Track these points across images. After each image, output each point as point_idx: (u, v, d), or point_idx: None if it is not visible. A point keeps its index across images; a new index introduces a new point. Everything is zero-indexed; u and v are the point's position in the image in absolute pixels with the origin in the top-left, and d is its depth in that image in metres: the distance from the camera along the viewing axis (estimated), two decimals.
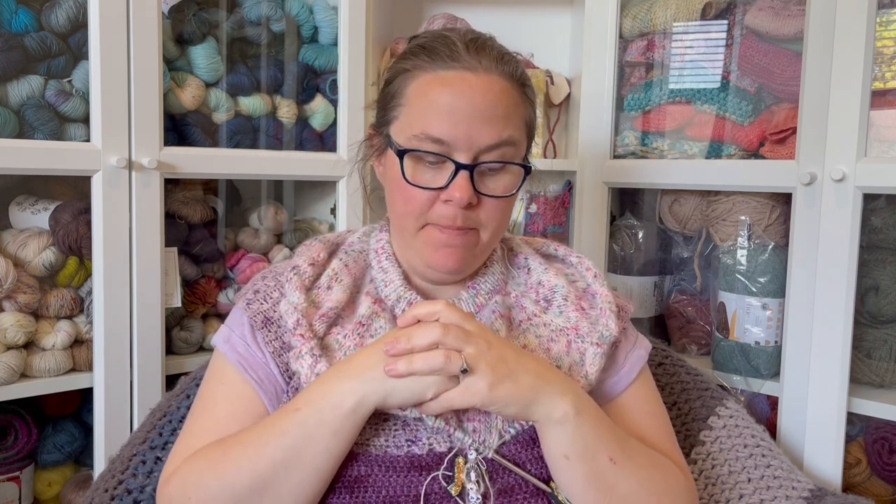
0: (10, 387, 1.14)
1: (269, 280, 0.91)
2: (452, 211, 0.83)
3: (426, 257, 0.86)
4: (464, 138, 0.81)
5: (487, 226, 0.85)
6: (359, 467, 0.80)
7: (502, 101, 0.83)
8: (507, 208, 0.87)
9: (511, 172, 0.85)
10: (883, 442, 1.29)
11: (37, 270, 1.18)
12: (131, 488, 0.96)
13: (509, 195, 0.85)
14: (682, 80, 1.48)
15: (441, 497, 0.79)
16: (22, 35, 1.15)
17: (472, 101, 0.81)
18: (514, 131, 0.84)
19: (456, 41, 0.84)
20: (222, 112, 1.35)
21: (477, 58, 0.83)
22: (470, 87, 0.81)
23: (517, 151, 0.86)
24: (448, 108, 0.81)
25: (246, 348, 0.86)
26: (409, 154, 0.83)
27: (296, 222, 1.55)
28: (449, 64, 0.83)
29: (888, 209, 1.30)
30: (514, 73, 0.85)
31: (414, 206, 0.84)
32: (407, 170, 0.83)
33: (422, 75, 0.84)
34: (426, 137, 0.82)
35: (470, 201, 0.82)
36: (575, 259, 0.99)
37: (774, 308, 1.35)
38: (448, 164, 0.82)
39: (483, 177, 0.84)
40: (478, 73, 0.82)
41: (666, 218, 1.55)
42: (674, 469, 0.88)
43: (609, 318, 0.90)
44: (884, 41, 1.19)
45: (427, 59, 0.84)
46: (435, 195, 0.83)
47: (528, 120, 0.88)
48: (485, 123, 0.81)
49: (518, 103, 0.85)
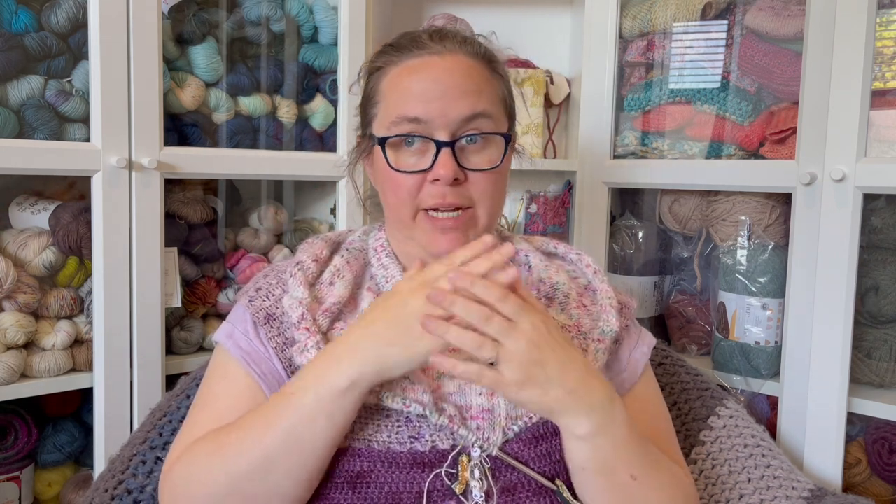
0: (10, 387, 1.14)
1: (272, 278, 0.92)
2: (441, 190, 0.84)
3: (427, 245, 0.87)
4: (439, 115, 0.83)
5: (481, 202, 0.86)
6: (361, 463, 0.80)
7: (471, 77, 0.85)
8: (497, 182, 0.88)
9: (494, 145, 0.87)
10: (883, 442, 1.30)
11: (37, 270, 1.18)
12: (131, 488, 0.96)
13: (495, 167, 0.86)
14: (682, 80, 1.48)
15: (444, 494, 0.79)
16: (22, 35, 1.14)
17: (441, 81, 0.84)
18: (488, 105, 0.86)
19: (420, 34, 0.88)
20: (222, 112, 1.35)
21: (441, 44, 0.87)
22: (437, 68, 0.85)
23: (495, 124, 0.87)
24: (420, 90, 0.84)
25: (249, 343, 0.87)
26: (389, 141, 0.86)
27: (296, 222, 1.55)
28: (415, 53, 0.87)
29: (888, 209, 1.30)
30: (479, 52, 0.88)
31: (403, 193, 0.86)
32: (390, 157, 0.86)
33: (392, 69, 0.88)
34: (403, 120, 0.84)
35: (456, 176, 0.83)
36: (575, 256, 0.99)
37: (774, 308, 1.35)
38: (430, 145, 0.84)
39: (466, 152, 0.85)
40: (443, 56, 0.86)
41: (666, 218, 1.55)
42: (692, 489, 0.88)
43: (610, 313, 0.90)
44: (884, 41, 1.20)
45: (395, 54, 0.88)
46: (422, 178, 0.85)
47: (502, 95, 0.90)
48: (457, 99, 0.84)
49: (488, 79, 0.88)
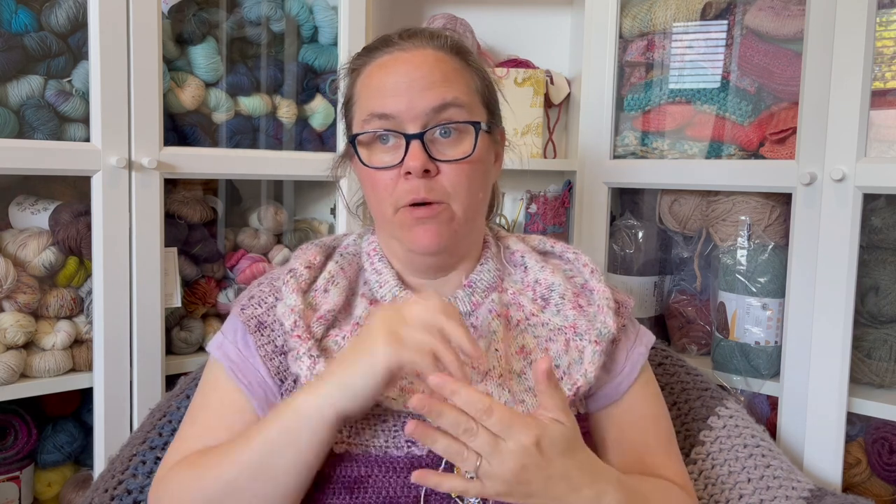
0: (10, 387, 1.14)
1: (265, 286, 0.91)
2: (415, 184, 0.83)
3: (404, 240, 0.86)
4: (407, 108, 0.83)
5: (456, 196, 0.84)
6: (359, 468, 0.80)
7: (438, 68, 0.85)
8: (473, 175, 0.86)
9: (468, 136, 0.86)
10: (883, 442, 1.29)
11: (37, 270, 1.18)
12: (131, 488, 0.96)
13: (466, 157, 0.84)
14: (682, 80, 1.48)
15: (441, 498, 0.79)
16: (22, 35, 1.14)
17: (408, 74, 0.84)
18: (459, 94, 0.85)
19: (392, 35, 0.89)
20: (222, 112, 1.35)
21: (409, 41, 0.87)
22: (403, 63, 0.85)
23: (469, 114, 0.86)
24: (388, 85, 0.84)
25: (238, 354, 0.87)
26: (363, 140, 0.86)
27: (296, 222, 1.55)
28: (384, 51, 0.87)
29: (888, 209, 1.30)
30: (447, 44, 0.88)
31: (380, 190, 0.85)
32: (363, 155, 0.86)
33: (364, 69, 0.89)
34: (372, 117, 0.85)
35: (426, 168, 0.82)
36: (572, 255, 0.98)
37: (774, 308, 1.35)
38: (401, 140, 0.84)
39: (438, 145, 0.84)
40: (410, 51, 0.86)
41: (666, 218, 1.55)
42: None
43: (607, 315, 0.89)
44: (884, 41, 1.20)
45: (367, 55, 0.89)
46: (396, 173, 0.84)
47: (476, 86, 0.89)
48: (424, 90, 0.83)
49: (457, 69, 0.87)
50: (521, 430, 0.69)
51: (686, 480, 0.93)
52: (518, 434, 0.69)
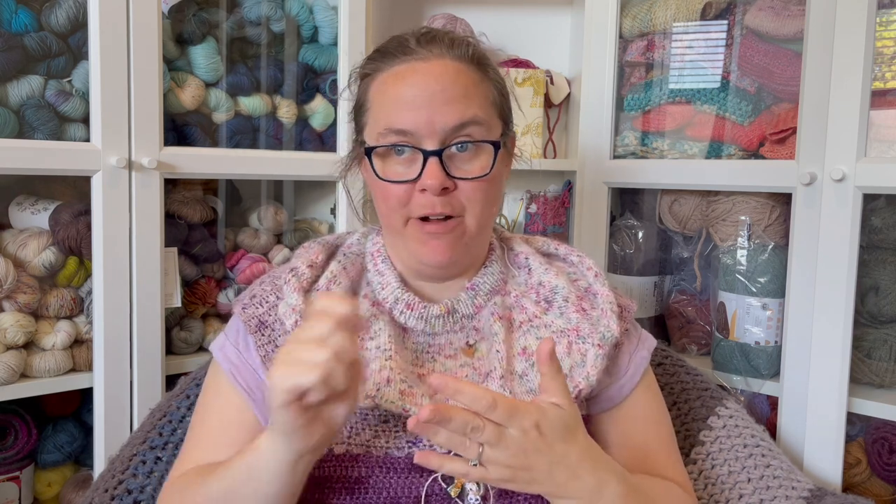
0: (10, 387, 1.14)
1: (266, 284, 0.91)
2: (429, 199, 0.82)
3: (415, 253, 0.86)
4: (426, 124, 0.81)
5: (471, 211, 0.84)
6: (359, 469, 0.80)
7: (459, 82, 0.83)
8: (489, 191, 0.85)
9: (485, 152, 0.84)
10: (883, 442, 1.29)
11: (37, 270, 1.18)
12: (131, 488, 0.96)
13: (484, 175, 0.83)
14: (682, 80, 1.48)
15: (441, 498, 0.79)
16: (22, 35, 1.14)
17: (427, 88, 0.81)
18: (478, 110, 0.83)
19: (408, 38, 0.86)
20: (222, 112, 1.35)
21: (428, 48, 0.84)
22: (423, 74, 0.82)
23: (487, 131, 0.84)
24: (406, 98, 0.82)
25: (237, 356, 0.87)
26: (378, 151, 0.84)
27: (296, 222, 1.55)
28: (402, 59, 0.84)
29: (888, 209, 1.30)
30: (467, 55, 0.85)
31: (392, 202, 0.84)
32: (377, 167, 0.84)
33: (379, 76, 0.86)
34: (390, 131, 0.83)
35: (443, 186, 0.81)
36: (576, 258, 0.98)
37: (774, 308, 1.35)
38: (418, 154, 0.82)
39: (455, 160, 0.83)
40: (430, 61, 0.83)
41: (666, 218, 1.55)
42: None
43: (610, 318, 0.89)
44: (884, 41, 1.20)
45: (382, 59, 0.86)
46: (410, 188, 0.83)
47: (493, 99, 0.87)
48: (444, 105, 0.81)
49: (477, 82, 0.85)
50: (523, 416, 0.70)
51: (686, 481, 0.93)
52: (519, 420, 0.69)
